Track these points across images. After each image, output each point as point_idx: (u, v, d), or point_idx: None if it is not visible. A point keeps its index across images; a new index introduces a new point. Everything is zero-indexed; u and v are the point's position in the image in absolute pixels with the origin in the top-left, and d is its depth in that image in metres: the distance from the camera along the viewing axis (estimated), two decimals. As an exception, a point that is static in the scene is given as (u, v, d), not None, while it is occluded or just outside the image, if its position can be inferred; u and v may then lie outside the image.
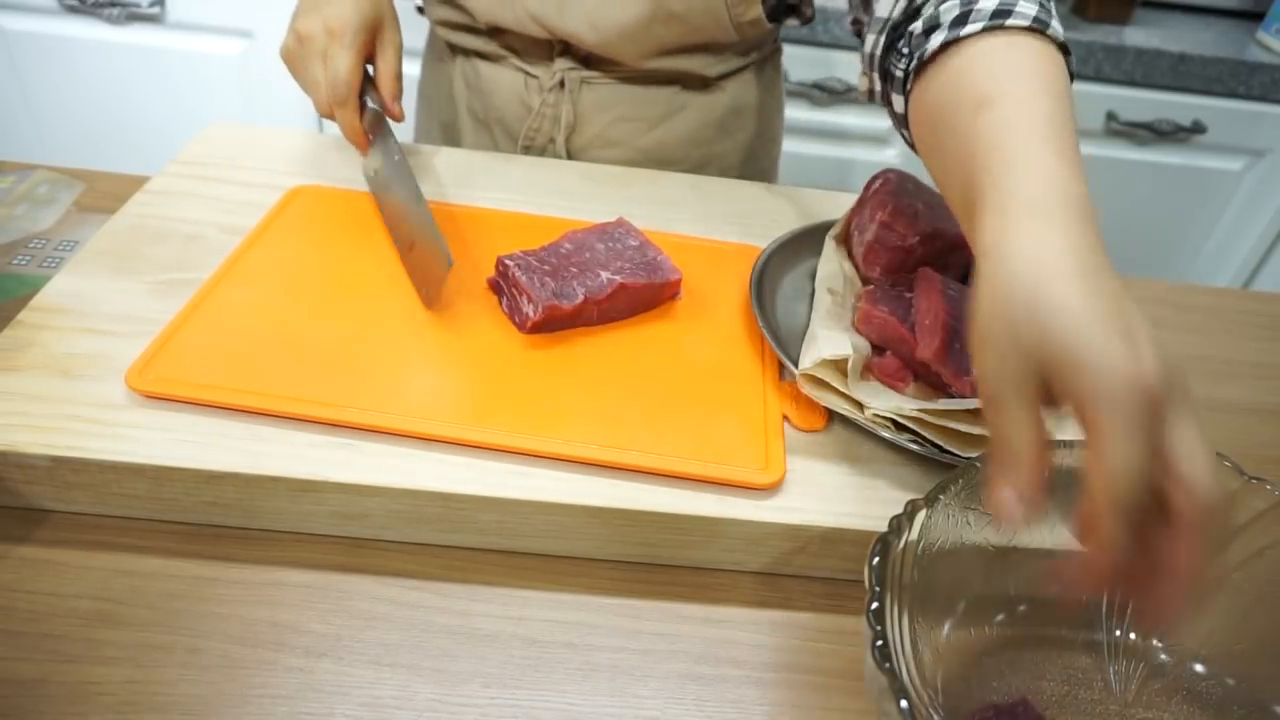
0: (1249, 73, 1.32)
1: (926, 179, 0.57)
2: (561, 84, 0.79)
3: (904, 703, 0.32)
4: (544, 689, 0.43)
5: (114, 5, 1.31)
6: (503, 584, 0.48)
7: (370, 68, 0.69)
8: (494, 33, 0.79)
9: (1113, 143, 1.40)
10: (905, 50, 0.53)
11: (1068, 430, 0.53)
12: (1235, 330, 0.75)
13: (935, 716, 0.38)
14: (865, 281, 0.63)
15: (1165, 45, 1.32)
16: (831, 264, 0.63)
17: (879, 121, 1.40)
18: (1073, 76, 0.47)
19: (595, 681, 0.44)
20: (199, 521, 0.49)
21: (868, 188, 0.65)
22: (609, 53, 0.76)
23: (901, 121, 0.55)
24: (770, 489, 0.49)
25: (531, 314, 0.55)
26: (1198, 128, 1.36)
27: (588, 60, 0.78)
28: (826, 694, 0.45)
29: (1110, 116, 1.36)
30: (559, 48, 0.78)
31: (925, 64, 0.50)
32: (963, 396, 0.52)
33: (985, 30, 0.47)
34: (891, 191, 0.62)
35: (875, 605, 0.36)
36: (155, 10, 1.32)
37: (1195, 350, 0.72)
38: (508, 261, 0.58)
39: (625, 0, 0.72)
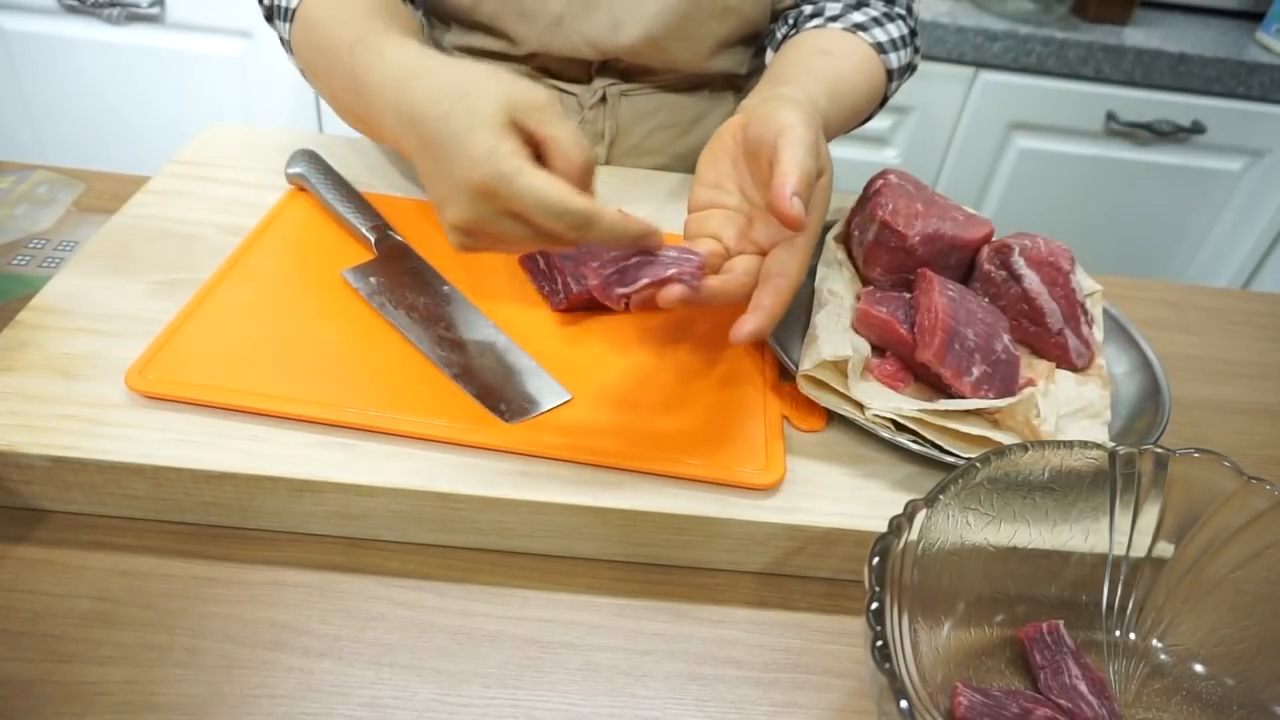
0: (1249, 73, 1.32)
1: (927, 180, 0.57)
2: (603, 99, 0.79)
3: (904, 703, 0.32)
4: (544, 689, 0.43)
5: (114, 5, 1.31)
6: (502, 584, 0.48)
7: None
8: (529, 57, 0.78)
9: (1113, 143, 1.40)
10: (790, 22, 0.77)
11: (1072, 431, 0.54)
12: (1235, 330, 0.75)
13: (935, 716, 0.38)
14: (865, 281, 0.63)
15: (1165, 45, 1.32)
16: (831, 264, 0.63)
17: (879, 121, 1.40)
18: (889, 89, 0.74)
19: (595, 681, 0.44)
20: (198, 521, 0.49)
21: (868, 188, 0.65)
22: (665, 61, 0.77)
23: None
24: (770, 489, 0.49)
25: (573, 288, 0.58)
26: (1197, 128, 1.37)
27: (625, 73, 0.79)
28: (826, 694, 0.44)
29: (1110, 116, 1.36)
30: (597, 65, 0.78)
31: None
32: (962, 397, 0.52)
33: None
34: (891, 191, 0.62)
35: (875, 605, 0.36)
36: (155, 10, 1.32)
37: (1195, 350, 0.72)
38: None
39: (678, 1, 0.72)
